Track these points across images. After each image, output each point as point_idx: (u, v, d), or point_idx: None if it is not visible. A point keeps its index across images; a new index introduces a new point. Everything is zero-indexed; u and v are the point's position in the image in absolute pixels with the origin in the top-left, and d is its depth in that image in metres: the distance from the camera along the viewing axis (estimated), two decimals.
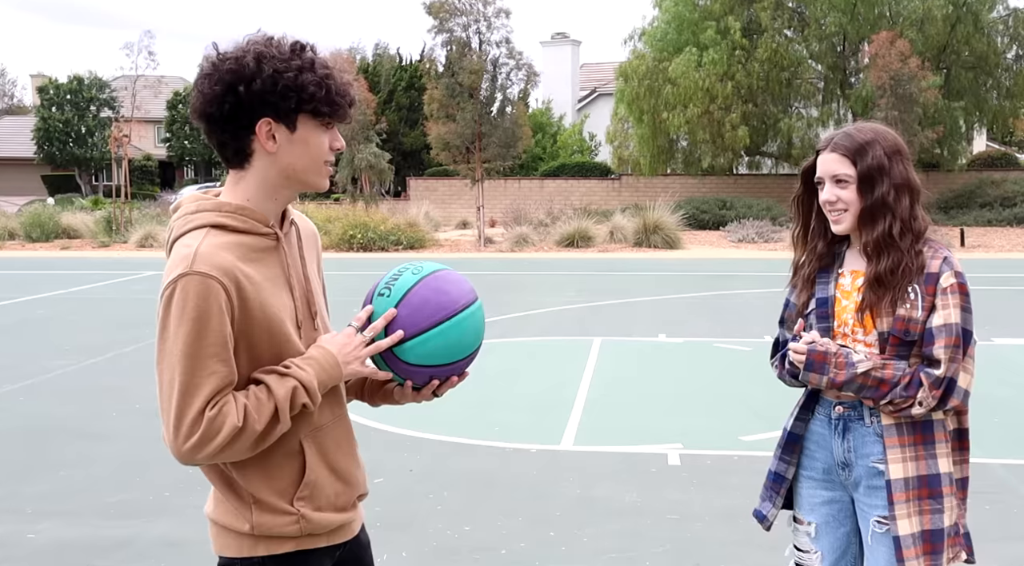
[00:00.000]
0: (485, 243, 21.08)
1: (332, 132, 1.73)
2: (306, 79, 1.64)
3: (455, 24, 20.29)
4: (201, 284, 1.59)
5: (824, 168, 2.18)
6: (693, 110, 25.10)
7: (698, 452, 5.31)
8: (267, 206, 1.73)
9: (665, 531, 4.15)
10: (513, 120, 20.72)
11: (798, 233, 2.33)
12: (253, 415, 1.62)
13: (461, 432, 5.79)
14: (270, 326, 1.67)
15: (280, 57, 1.64)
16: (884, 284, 2.12)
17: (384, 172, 24.69)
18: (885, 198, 2.12)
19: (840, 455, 2.22)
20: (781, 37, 26.23)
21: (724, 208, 25.50)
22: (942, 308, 2.07)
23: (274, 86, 1.62)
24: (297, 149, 1.69)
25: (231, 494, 1.76)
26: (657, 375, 7.54)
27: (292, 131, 1.67)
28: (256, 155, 1.69)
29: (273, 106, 1.64)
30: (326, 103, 1.66)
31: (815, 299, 2.26)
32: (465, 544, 4.05)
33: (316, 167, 1.73)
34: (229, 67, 1.63)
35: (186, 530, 4.21)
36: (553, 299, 12.03)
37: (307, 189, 1.77)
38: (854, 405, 2.19)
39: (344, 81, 1.71)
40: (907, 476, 2.11)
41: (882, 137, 2.16)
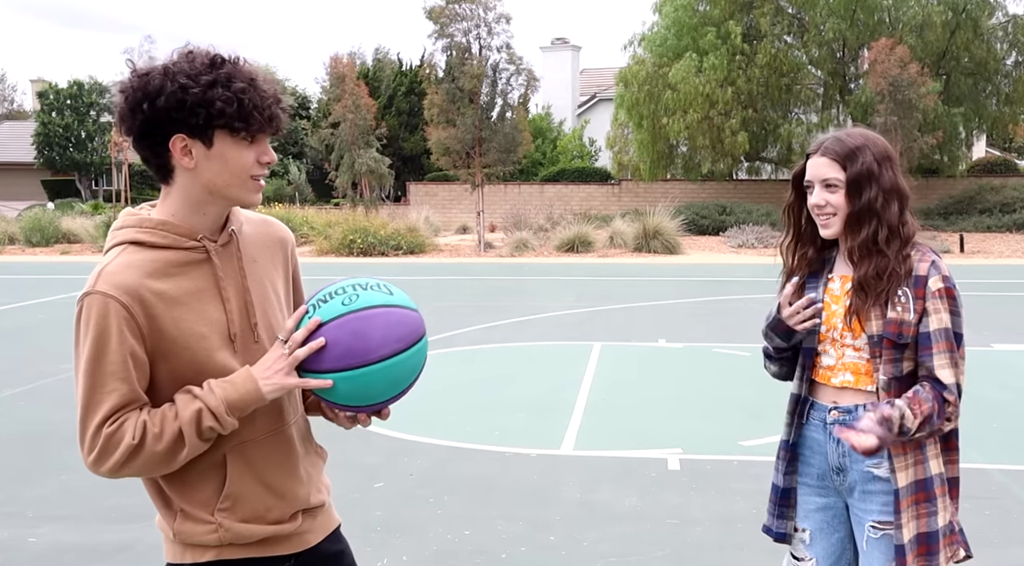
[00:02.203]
0: (485, 248, 21.09)
1: (259, 146, 1.69)
2: (215, 94, 1.60)
3: (456, 29, 20.33)
4: (101, 304, 1.60)
5: (814, 172, 2.19)
6: (693, 115, 25.13)
7: (698, 457, 5.31)
8: (194, 220, 1.71)
9: (665, 535, 4.15)
10: (513, 125, 20.75)
11: (788, 243, 2.34)
12: (153, 433, 1.61)
13: (461, 436, 5.79)
14: (187, 342, 1.66)
15: (189, 72, 1.61)
16: (869, 288, 2.13)
17: (384, 177, 24.71)
18: (872, 203, 2.13)
19: (835, 460, 2.22)
20: (781, 43, 26.26)
21: (724, 213, 25.51)
22: (934, 313, 2.09)
23: (180, 103, 1.60)
24: (215, 165, 1.65)
25: (160, 502, 1.79)
26: (657, 380, 7.55)
27: (208, 147, 1.64)
28: (177, 171, 1.68)
29: (183, 122, 1.61)
30: (239, 118, 1.62)
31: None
32: (465, 548, 4.05)
33: (239, 182, 1.68)
34: (137, 84, 1.63)
35: None
36: (553, 304, 12.04)
37: (233, 204, 1.73)
38: (849, 409, 2.19)
39: (265, 92, 1.66)
40: (908, 483, 2.12)
41: (872, 143, 2.18)
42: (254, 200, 1.73)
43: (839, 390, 2.22)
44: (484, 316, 10.87)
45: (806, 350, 2.27)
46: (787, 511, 2.35)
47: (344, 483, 4.90)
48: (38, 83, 45.69)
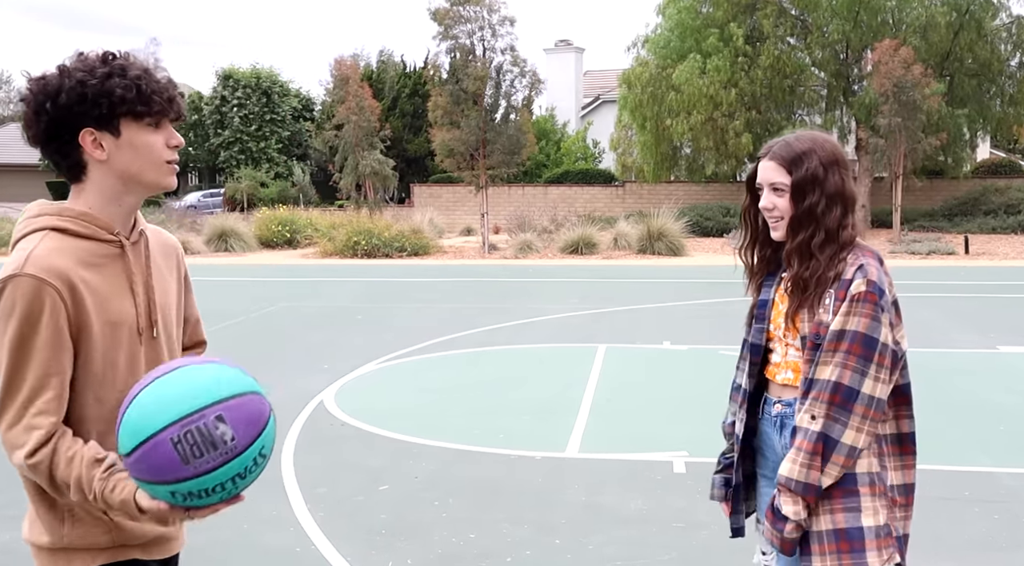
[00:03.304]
0: (489, 250, 21.08)
1: (165, 130, 1.74)
2: (113, 84, 1.65)
3: (460, 31, 20.34)
4: (31, 286, 1.60)
5: (762, 175, 2.22)
6: (696, 117, 25.11)
7: (704, 460, 5.29)
8: (112, 212, 1.74)
9: (671, 539, 4.14)
10: (517, 127, 20.74)
11: (746, 246, 2.37)
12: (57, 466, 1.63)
13: (466, 439, 5.78)
14: (105, 331, 1.69)
15: (84, 68, 1.66)
16: (799, 290, 2.16)
17: (388, 179, 24.70)
18: (813, 208, 2.15)
19: (781, 452, 2.24)
20: (784, 44, 26.22)
21: (728, 215, 25.48)
22: (842, 314, 2.07)
23: (81, 96, 1.64)
24: (127, 153, 1.70)
25: (43, 503, 1.74)
26: (662, 382, 7.53)
27: (117, 137, 1.69)
28: (90, 166, 1.71)
29: (88, 115, 1.65)
30: (140, 103, 1.67)
31: (758, 301, 2.33)
32: (470, 551, 4.04)
33: (154, 167, 1.74)
34: (35, 87, 1.66)
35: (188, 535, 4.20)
36: (557, 306, 12.03)
37: (153, 190, 1.77)
38: (790, 402, 2.22)
39: (161, 79, 1.72)
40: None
41: (820, 146, 2.18)
42: (170, 183, 1.77)
43: (782, 387, 2.26)
44: (488, 318, 10.86)
45: (753, 346, 2.31)
46: (739, 506, 2.42)
47: (348, 486, 4.90)
48: None
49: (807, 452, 2.07)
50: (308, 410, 6.51)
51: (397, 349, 8.83)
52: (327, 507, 4.58)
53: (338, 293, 13.68)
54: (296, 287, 14.59)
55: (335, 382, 7.41)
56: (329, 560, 3.95)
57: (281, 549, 4.08)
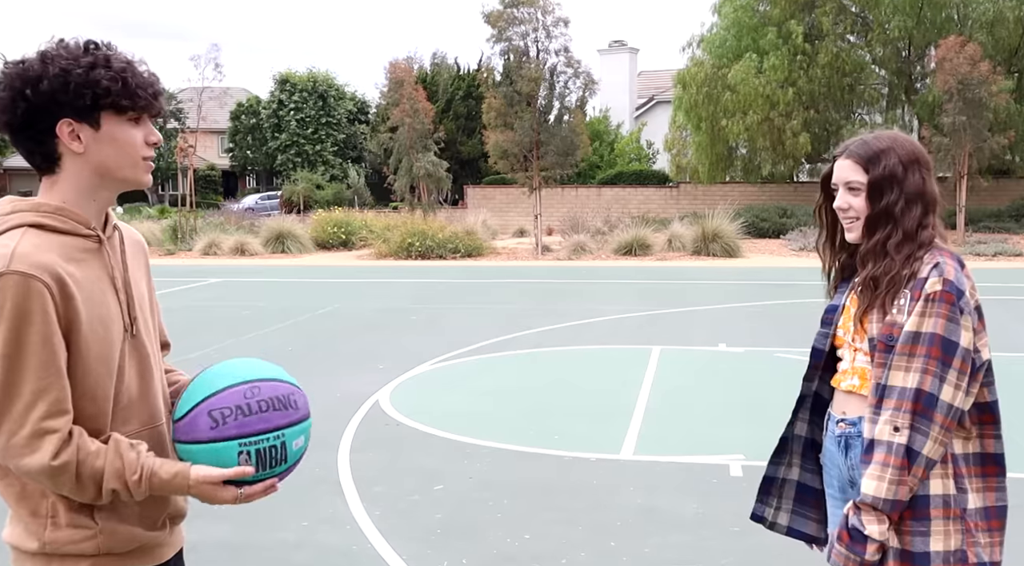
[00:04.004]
0: (542, 251, 21.08)
1: (144, 126, 1.68)
2: (98, 75, 1.58)
3: (513, 33, 20.37)
4: (21, 284, 1.52)
5: (838, 174, 2.16)
6: (753, 117, 24.79)
7: (761, 463, 5.18)
8: (86, 207, 1.67)
9: (728, 543, 4.09)
10: (571, 128, 20.70)
11: (824, 242, 2.31)
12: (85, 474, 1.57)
13: (520, 440, 5.78)
14: (97, 327, 1.62)
15: (68, 56, 1.59)
16: (869, 291, 2.08)
17: (442, 180, 24.84)
18: (891, 208, 2.07)
19: (846, 473, 2.17)
20: (843, 42, 25.76)
21: (784, 216, 25.10)
22: (916, 314, 1.98)
23: (64, 85, 1.57)
24: (106, 147, 1.64)
25: (25, 507, 1.64)
26: (717, 384, 7.45)
27: (96, 129, 1.62)
28: (65, 158, 1.64)
29: (69, 105, 1.59)
30: (125, 96, 1.61)
31: (827, 306, 2.27)
32: (525, 552, 4.04)
33: (131, 162, 1.68)
34: (14, 72, 1.59)
35: (249, 533, 4.28)
36: (611, 307, 11.97)
37: (128, 187, 1.71)
38: (854, 422, 2.14)
39: (146, 73, 1.65)
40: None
41: (899, 145, 2.11)
42: (146, 180, 1.71)
43: (847, 395, 2.18)
44: (542, 319, 10.85)
45: (814, 351, 2.26)
46: (768, 499, 2.38)
47: (404, 485, 4.93)
48: None
49: (896, 467, 1.95)
50: (364, 410, 6.58)
51: (451, 350, 8.87)
52: (383, 506, 4.62)
53: (393, 294, 13.80)
54: (351, 288, 14.75)
55: (390, 382, 7.48)
56: (385, 559, 3.98)
57: (338, 547, 4.12)
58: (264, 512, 4.53)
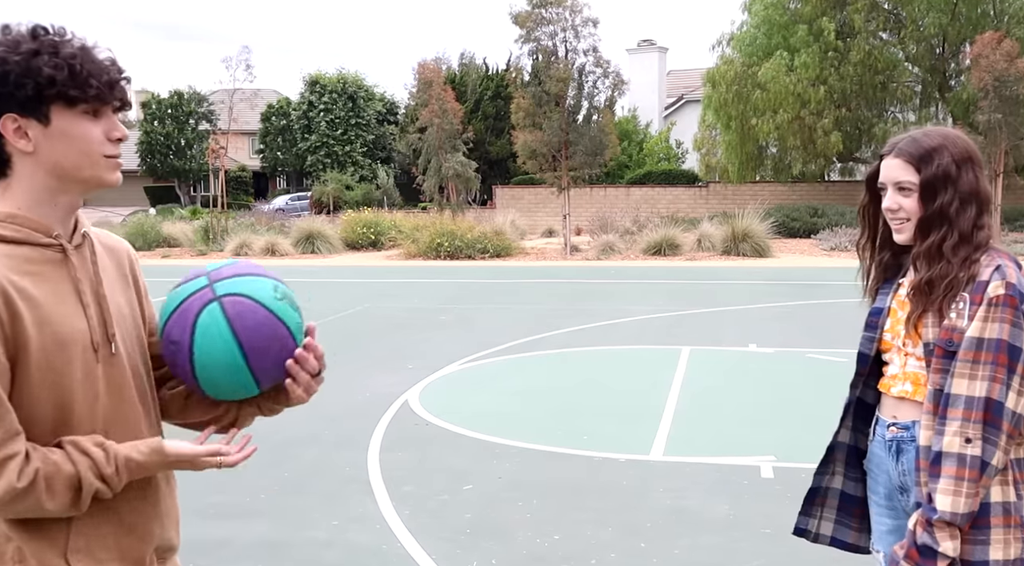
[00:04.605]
0: (571, 251, 21.05)
1: (107, 121, 1.49)
2: (40, 62, 1.40)
3: (542, 33, 20.37)
4: None
5: (887, 174, 2.07)
6: (783, 116, 24.58)
7: (792, 465, 5.18)
8: (45, 213, 1.48)
9: (759, 545, 4.06)
10: (599, 128, 20.66)
11: (864, 243, 2.23)
12: (45, 485, 1.40)
13: (549, 440, 5.78)
14: (51, 349, 1.43)
15: (6, 42, 1.41)
16: (924, 295, 2.00)
17: (470, 181, 24.91)
18: (946, 209, 1.99)
19: (896, 479, 2.12)
20: (876, 39, 25.46)
21: (815, 216, 24.87)
22: (980, 319, 1.91)
23: (2, 75, 1.40)
24: (58, 145, 1.45)
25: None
26: (748, 385, 7.39)
27: (46, 125, 1.44)
28: (15, 159, 1.46)
29: (10, 98, 1.41)
30: (73, 86, 1.42)
31: (871, 309, 2.18)
32: (555, 553, 4.04)
33: (89, 162, 1.48)
34: None
35: (282, 532, 4.32)
36: (640, 308, 11.93)
37: (91, 188, 1.52)
38: (907, 426, 2.08)
39: (102, 59, 1.46)
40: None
41: (951, 142, 2.03)
42: (111, 179, 1.51)
43: (898, 401, 2.11)
44: (571, 319, 10.84)
45: (860, 356, 2.19)
46: (811, 510, 2.31)
47: (434, 485, 4.95)
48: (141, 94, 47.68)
49: (970, 480, 1.88)
50: (393, 409, 6.61)
51: (480, 350, 8.89)
52: (413, 505, 4.64)
53: (421, 294, 13.85)
54: (380, 288, 14.82)
55: (419, 382, 7.50)
56: (415, 558, 4.00)
57: (368, 546, 4.15)
58: (295, 511, 4.57)
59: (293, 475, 5.14)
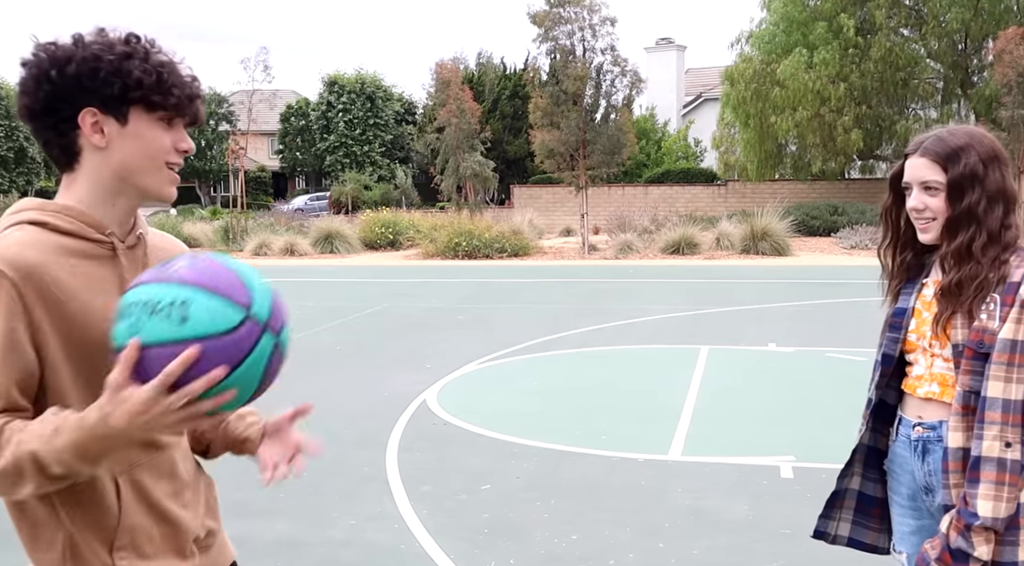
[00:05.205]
0: (589, 250, 21.02)
1: (176, 131, 1.53)
2: (132, 65, 1.45)
3: (560, 32, 20.35)
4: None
5: (912, 173, 2.05)
6: (803, 113, 24.43)
7: (812, 465, 5.14)
8: (103, 211, 1.52)
9: (779, 546, 4.03)
10: (617, 127, 20.62)
11: (886, 247, 2.21)
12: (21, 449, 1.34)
13: (568, 440, 5.77)
14: (81, 341, 1.44)
15: (102, 42, 1.46)
16: (952, 296, 1.99)
17: (488, 180, 24.93)
18: (974, 208, 1.97)
19: (922, 479, 2.10)
20: (897, 36, 25.26)
21: (835, 214, 24.70)
22: (1012, 321, 1.89)
23: (93, 71, 1.44)
24: (129, 144, 1.49)
25: (45, 540, 1.48)
26: (767, 384, 7.35)
27: (123, 124, 1.48)
28: (85, 153, 1.50)
29: (95, 93, 1.45)
30: (157, 92, 1.47)
31: (894, 310, 2.16)
32: (573, 553, 4.03)
33: (154, 167, 1.52)
34: (44, 52, 1.46)
35: (300, 530, 4.34)
36: (658, 307, 11.89)
37: (147, 197, 1.54)
38: (933, 425, 2.06)
39: (187, 76, 1.52)
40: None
41: (978, 141, 2.01)
42: (169, 193, 1.55)
43: (924, 402, 2.09)
44: (589, 319, 10.82)
45: (884, 357, 2.16)
46: (832, 512, 2.30)
47: (452, 484, 4.95)
48: None
49: (1011, 485, 1.87)
50: (411, 409, 6.62)
51: (498, 350, 8.89)
52: (431, 505, 4.65)
53: (439, 294, 13.87)
54: (399, 288, 14.86)
55: (437, 382, 7.51)
56: (433, 558, 4.00)
57: (386, 546, 4.15)
58: (313, 510, 4.59)
59: (311, 474, 5.15)
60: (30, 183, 42.54)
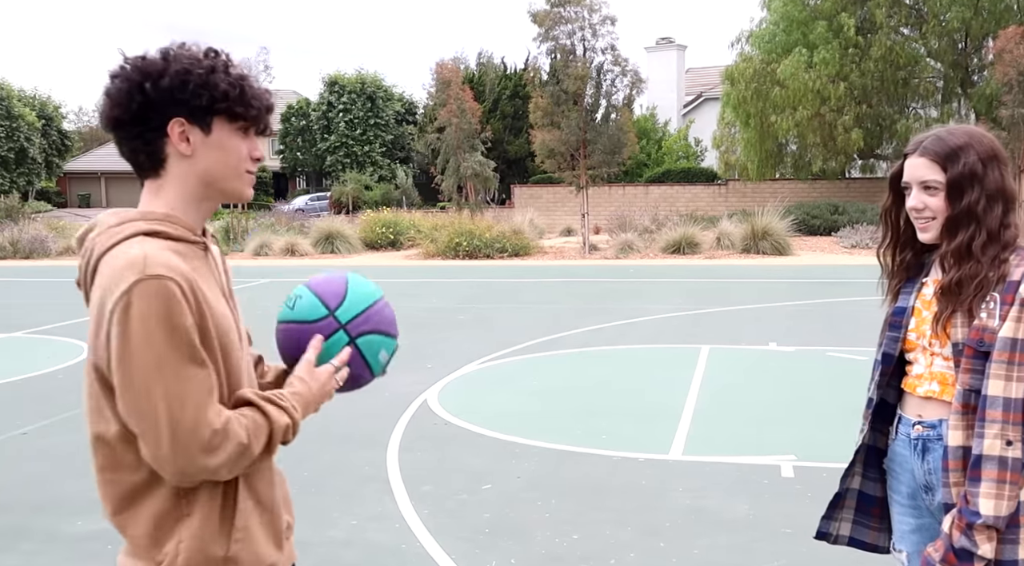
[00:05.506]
0: (590, 250, 21.02)
1: (251, 140, 1.65)
2: (218, 78, 1.57)
3: (560, 32, 20.34)
4: (160, 287, 1.46)
5: (911, 173, 2.06)
6: (803, 112, 24.42)
7: (812, 464, 5.14)
8: (193, 215, 1.63)
9: (779, 545, 4.03)
10: (618, 126, 20.61)
11: (885, 247, 2.22)
12: (254, 437, 1.54)
13: (568, 440, 5.77)
14: (221, 330, 1.57)
15: (189, 56, 1.58)
16: (953, 295, 1.99)
17: (489, 180, 24.92)
18: (973, 207, 1.99)
19: (921, 478, 2.11)
20: (897, 35, 25.25)
21: (836, 213, 24.70)
22: (1012, 320, 1.90)
23: (183, 84, 1.55)
24: (213, 153, 1.60)
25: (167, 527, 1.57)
26: (767, 384, 7.35)
27: (207, 133, 1.59)
28: (171, 160, 1.59)
29: (184, 105, 1.56)
30: (240, 104, 1.59)
31: (893, 309, 2.17)
32: (573, 553, 4.03)
33: (235, 173, 1.64)
34: (136, 65, 1.56)
35: (300, 530, 4.33)
36: (659, 306, 11.89)
37: (228, 198, 1.67)
38: (933, 424, 2.07)
39: (260, 88, 1.64)
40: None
41: (977, 141, 2.02)
42: (248, 194, 1.68)
43: (923, 401, 2.10)
44: (589, 319, 10.82)
45: (884, 357, 2.17)
46: (834, 513, 2.31)
47: (452, 484, 4.96)
48: None
49: (1012, 483, 1.89)
50: (412, 409, 6.62)
51: (499, 349, 8.89)
52: (431, 505, 4.65)
53: (440, 294, 13.87)
54: (399, 288, 14.86)
55: (438, 382, 7.52)
56: (434, 557, 4.00)
57: (387, 546, 4.16)
58: (314, 510, 4.59)
59: (312, 474, 5.16)
60: (31, 183, 42.55)
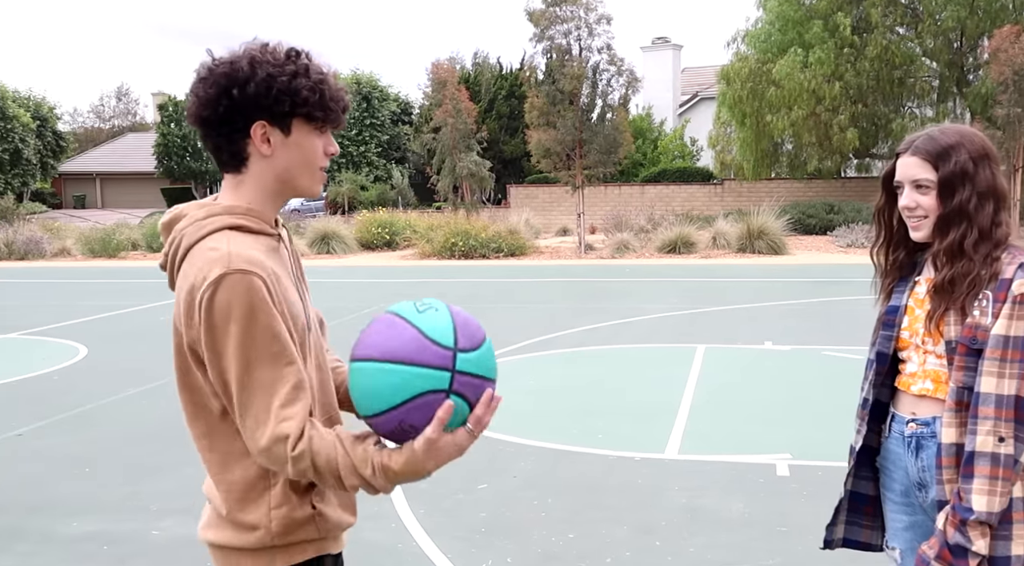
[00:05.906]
0: (585, 250, 21.03)
1: (326, 137, 1.73)
2: (300, 84, 1.64)
3: (556, 31, 20.36)
4: (245, 281, 1.55)
5: (903, 172, 2.08)
6: (798, 112, 24.46)
7: (808, 463, 5.16)
8: (268, 209, 1.73)
9: (775, 544, 4.04)
10: (614, 126, 20.63)
11: (879, 247, 2.23)
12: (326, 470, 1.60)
13: (564, 439, 5.77)
14: (295, 324, 1.65)
15: (274, 62, 1.64)
16: (945, 293, 2.01)
17: (485, 180, 24.92)
18: (964, 206, 2.00)
19: (915, 475, 2.11)
20: (893, 34, 25.29)
21: (831, 212, 24.75)
22: (1005, 317, 1.91)
23: (268, 89, 1.62)
24: (292, 152, 1.69)
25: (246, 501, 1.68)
26: (763, 383, 7.36)
27: (287, 135, 1.67)
28: (252, 159, 1.69)
29: (267, 109, 1.64)
30: (320, 108, 1.67)
31: (887, 307, 2.18)
32: (569, 551, 4.04)
33: (310, 171, 1.72)
34: (224, 71, 1.64)
35: None
36: (655, 306, 11.90)
37: (300, 195, 1.76)
38: (927, 421, 2.08)
39: (337, 87, 1.71)
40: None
41: (968, 140, 2.04)
42: (318, 191, 1.77)
43: (917, 399, 2.11)
44: (585, 318, 10.83)
45: (878, 355, 2.18)
46: (839, 517, 2.31)
47: (448, 484, 4.96)
48: (159, 96, 47.96)
49: (1004, 479, 1.90)
50: None
51: (495, 349, 8.87)
52: (427, 504, 4.65)
53: (436, 294, 13.87)
54: (395, 288, 14.86)
55: None
56: (430, 557, 4.01)
57: (383, 545, 4.16)
58: None
59: None
60: (25, 184, 42.47)
